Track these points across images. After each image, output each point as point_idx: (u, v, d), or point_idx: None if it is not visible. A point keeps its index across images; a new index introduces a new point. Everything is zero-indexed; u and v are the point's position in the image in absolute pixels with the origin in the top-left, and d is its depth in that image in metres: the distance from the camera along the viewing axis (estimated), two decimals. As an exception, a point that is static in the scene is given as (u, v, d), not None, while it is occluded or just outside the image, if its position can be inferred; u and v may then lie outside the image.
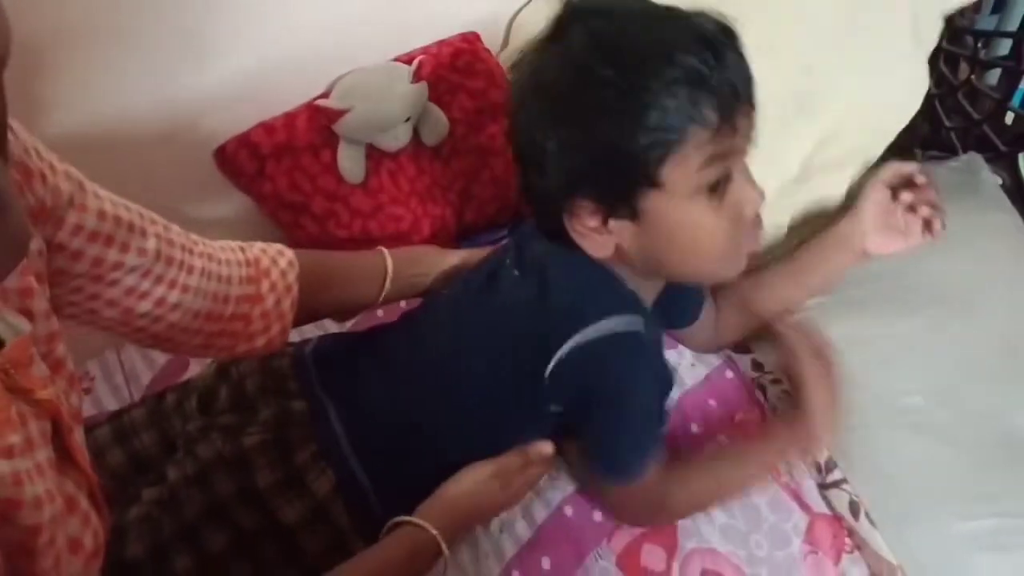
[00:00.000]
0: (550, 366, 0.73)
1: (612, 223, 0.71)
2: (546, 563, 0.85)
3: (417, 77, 1.10)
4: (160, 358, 1.10)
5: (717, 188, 0.68)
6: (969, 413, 0.88)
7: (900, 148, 1.66)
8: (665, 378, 0.83)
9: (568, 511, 0.88)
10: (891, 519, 0.85)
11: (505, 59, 1.23)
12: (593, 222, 0.71)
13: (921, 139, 1.62)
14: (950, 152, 1.49)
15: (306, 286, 0.81)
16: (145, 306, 0.66)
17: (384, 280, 0.88)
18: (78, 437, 0.57)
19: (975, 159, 1.24)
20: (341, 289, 0.87)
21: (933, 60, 1.52)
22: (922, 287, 0.99)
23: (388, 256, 0.89)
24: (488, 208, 1.20)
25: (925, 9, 0.93)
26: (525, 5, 1.22)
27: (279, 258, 0.80)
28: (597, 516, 0.88)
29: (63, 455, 0.54)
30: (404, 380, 0.84)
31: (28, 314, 0.54)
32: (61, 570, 0.51)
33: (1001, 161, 1.54)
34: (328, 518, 0.80)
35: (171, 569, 0.78)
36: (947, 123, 1.55)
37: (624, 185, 0.68)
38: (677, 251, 0.72)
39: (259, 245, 0.80)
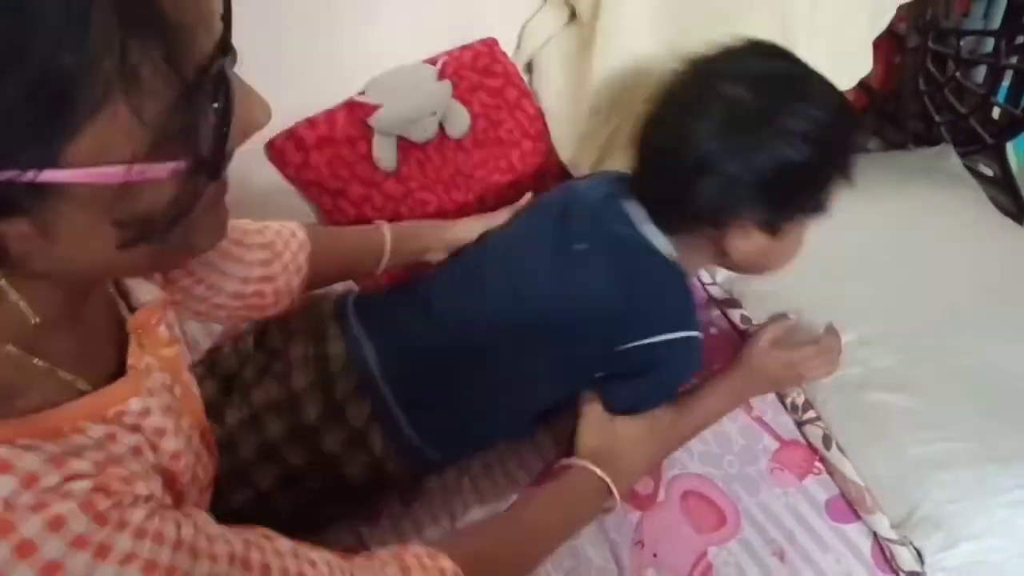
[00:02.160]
0: (625, 346, 0.89)
1: (760, 235, 0.87)
2: None
3: (441, 76, 1.26)
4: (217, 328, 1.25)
5: None
6: (921, 356, 1.01)
7: (894, 144, 1.79)
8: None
9: None
10: (857, 449, 0.98)
11: (518, 61, 1.39)
12: (754, 229, 0.87)
13: (914, 135, 1.74)
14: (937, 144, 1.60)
15: (314, 261, 0.92)
16: (199, 290, 0.79)
17: (382, 256, 1.01)
18: (194, 388, 0.67)
19: (946, 148, 1.37)
20: (344, 265, 1.01)
21: (920, 60, 1.66)
22: (888, 252, 1.12)
23: (387, 234, 1.02)
24: (506, 194, 1.35)
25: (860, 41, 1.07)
26: (535, 15, 1.38)
27: (291, 240, 0.90)
28: None
29: (179, 403, 0.62)
30: (444, 323, 0.96)
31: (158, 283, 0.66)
32: (191, 495, 0.61)
33: (990, 152, 1.66)
34: (365, 443, 0.94)
35: (228, 505, 0.90)
36: (937, 118, 1.67)
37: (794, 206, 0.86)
38: (780, 260, 0.92)
39: (274, 227, 0.89)
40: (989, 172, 1.71)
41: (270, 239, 0.87)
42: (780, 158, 0.80)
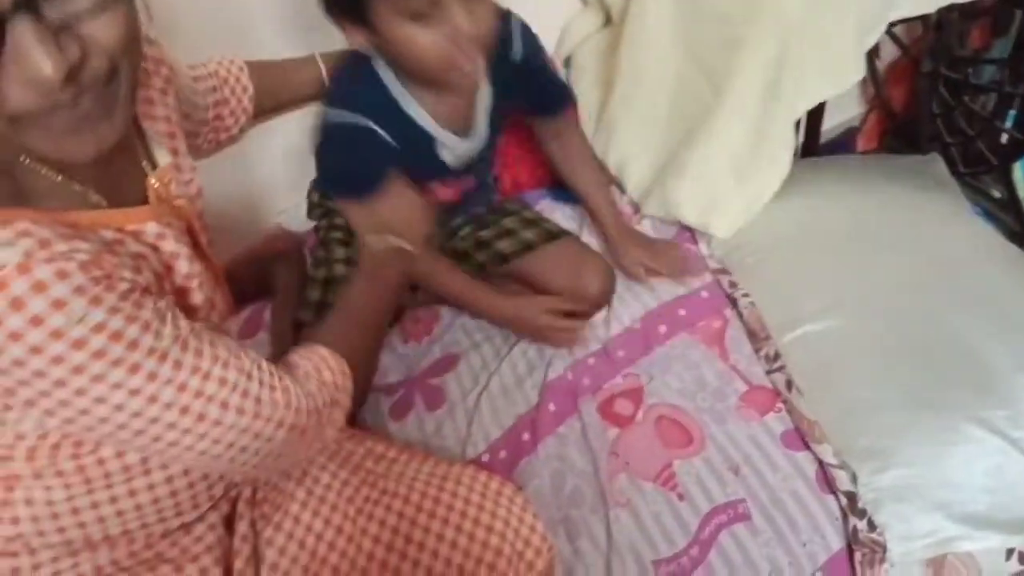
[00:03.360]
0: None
1: (348, 26, 1.00)
2: (552, 407, 1.20)
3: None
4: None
5: (423, 16, 0.93)
6: (876, 319, 1.19)
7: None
8: (363, 162, 1.09)
9: (569, 375, 1.24)
10: (813, 391, 1.15)
11: (559, 57, 1.61)
12: (352, 28, 0.99)
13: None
14: (951, 165, 1.75)
15: (257, 88, 1.12)
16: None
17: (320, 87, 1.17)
18: (204, 240, 0.84)
19: (935, 156, 1.57)
20: (283, 92, 1.17)
21: (933, 84, 1.82)
22: (862, 233, 1.30)
23: (321, 61, 1.17)
24: (538, 172, 1.56)
25: (870, 17, 1.25)
26: (574, 17, 1.60)
27: (232, 66, 1.10)
28: (585, 380, 1.23)
29: (195, 250, 0.80)
30: None
31: (174, 152, 0.83)
32: (208, 314, 0.78)
33: (997, 174, 1.81)
34: None
35: None
36: (948, 140, 1.83)
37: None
38: (406, 61, 1.01)
39: (215, 60, 1.09)
40: (997, 194, 1.86)
41: (213, 69, 1.08)
42: None
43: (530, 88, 1.25)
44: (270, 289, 1.34)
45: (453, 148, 1.17)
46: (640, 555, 1.04)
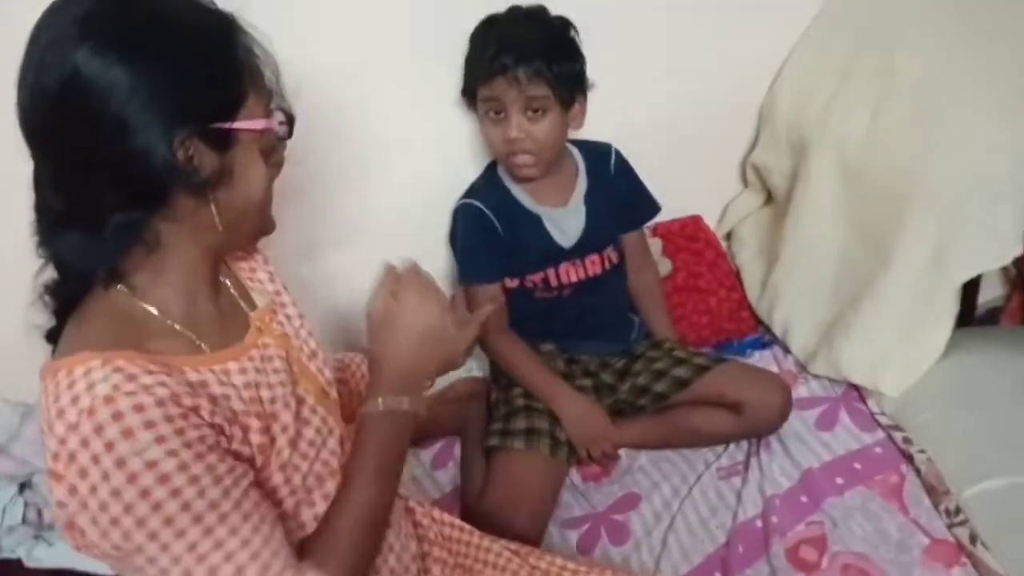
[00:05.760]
0: None
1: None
2: (740, 548, 1.30)
3: (653, 235, 1.68)
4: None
5: (493, 118, 1.37)
6: None
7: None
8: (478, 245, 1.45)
9: (758, 523, 1.34)
10: (999, 545, 1.21)
11: (720, 231, 1.80)
12: None
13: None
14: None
15: None
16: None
17: None
18: (313, 365, 0.91)
19: None
20: None
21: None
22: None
23: None
24: (704, 331, 1.71)
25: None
26: (737, 197, 1.82)
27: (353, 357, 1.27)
28: (774, 519, 1.32)
29: (293, 374, 0.87)
30: None
31: (280, 306, 0.94)
32: (300, 429, 0.83)
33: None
34: None
35: None
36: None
37: None
38: (489, 147, 1.46)
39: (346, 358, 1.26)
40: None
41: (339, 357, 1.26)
42: None
43: (621, 191, 1.52)
44: (461, 425, 1.53)
45: (557, 222, 1.46)
46: None
